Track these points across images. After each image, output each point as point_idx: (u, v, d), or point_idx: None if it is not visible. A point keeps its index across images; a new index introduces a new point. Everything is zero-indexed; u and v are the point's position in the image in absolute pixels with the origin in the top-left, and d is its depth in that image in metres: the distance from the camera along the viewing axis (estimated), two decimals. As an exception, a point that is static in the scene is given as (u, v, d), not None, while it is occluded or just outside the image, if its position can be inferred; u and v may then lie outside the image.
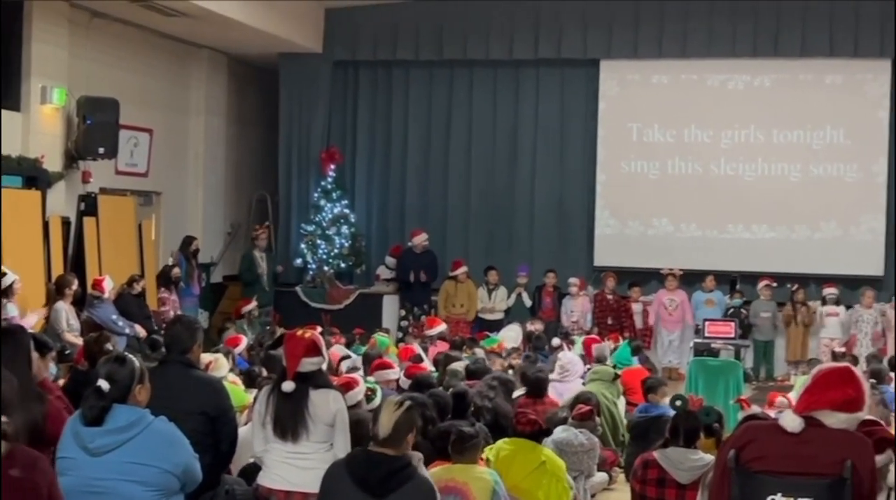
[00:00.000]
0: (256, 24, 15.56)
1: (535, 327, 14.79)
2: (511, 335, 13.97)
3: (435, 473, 6.09)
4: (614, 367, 11.32)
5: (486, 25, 17.23)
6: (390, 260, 17.55)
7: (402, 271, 17.00)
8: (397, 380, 9.47)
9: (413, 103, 18.06)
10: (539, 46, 17.10)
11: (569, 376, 10.84)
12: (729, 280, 16.22)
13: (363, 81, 18.32)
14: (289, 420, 5.70)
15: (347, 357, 10.82)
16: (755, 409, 7.38)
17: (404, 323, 16.68)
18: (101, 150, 13.99)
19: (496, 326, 15.70)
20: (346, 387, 7.24)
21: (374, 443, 4.98)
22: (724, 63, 16.76)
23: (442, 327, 14.21)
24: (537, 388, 9.34)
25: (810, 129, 16.60)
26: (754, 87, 16.80)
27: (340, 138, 18.21)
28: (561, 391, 10.56)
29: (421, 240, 16.94)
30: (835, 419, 4.18)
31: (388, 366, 9.70)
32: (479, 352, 11.86)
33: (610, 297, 16.34)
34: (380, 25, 17.61)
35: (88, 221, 14.05)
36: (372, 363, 10.17)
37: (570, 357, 11.43)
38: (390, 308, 17.23)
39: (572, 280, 16.43)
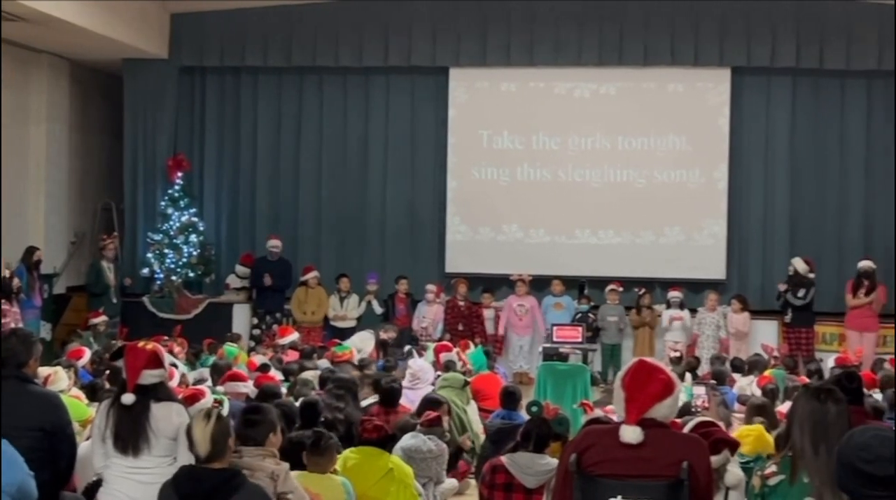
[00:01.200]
0: (98, 30, 15.16)
1: (388, 335, 14.75)
2: (356, 341, 13.88)
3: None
4: (466, 372, 11.38)
5: (335, 32, 17.16)
6: (241, 269, 17.33)
7: (257, 277, 16.80)
8: (247, 394, 9.33)
9: (262, 110, 17.88)
10: (389, 54, 17.11)
11: (419, 383, 10.86)
12: (577, 285, 16.46)
13: (210, 88, 18.07)
14: (129, 434, 5.56)
15: (173, 366, 10.50)
16: (598, 413, 7.51)
17: (256, 332, 16.50)
18: (-65, 158, 13.51)
19: (348, 334, 15.57)
20: (191, 399, 7.11)
21: (197, 462, 4.89)
22: (571, 71, 17.00)
23: (294, 336, 14.11)
24: (390, 397, 9.31)
25: (654, 136, 16.97)
26: (600, 95, 17.10)
27: (188, 145, 17.92)
28: (412, 399, 10.56)
29: (273, 244, 16.78)
30: (664, 408, 4.32)
31: (240, 378, 9.54)
32: (322, 362, 11.81)
33: (461, 303, 16.41)
34: (227, 31, 17.40)
35: (-78, 232, 13.55)
36: (222, 374, 10.02)
37: (420, 364, 11.45)
38: (241, 317, 17.03)
39: (429, 287, 16.47)
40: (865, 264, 15.35)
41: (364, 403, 9.56)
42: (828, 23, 16.19)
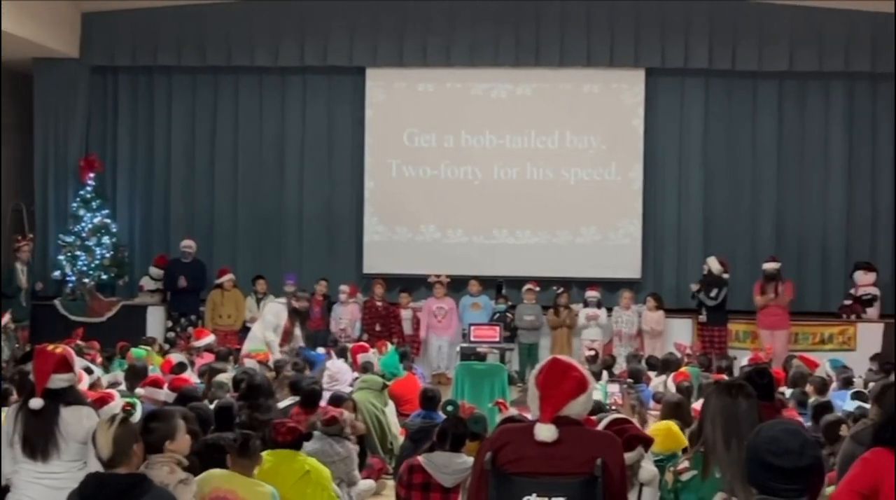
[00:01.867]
0: (8, 28, 14.84)
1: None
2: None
3: (217, 476, 5.92)
4: (382, 376, 11.34)
5: (250, 32, 17.02)
6: (155, 270, 17.09)
7: (171, 279, 16.58)
8: (165, 401, 9.17)
9: (176, 110, 17.67)
10: (305, 54, 17.03)
11: (337, 384, 10.81)
12: (495, 285, 16.51)
13: (123, 88, 17.82)
14: (38, 439, 5.47)
15: (88, 371, 10.33)
16: (513, 412, 7.54)
17: (171, 334, 16.29)
18: None
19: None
20: (101, 402, 7.00)
21: (102, 466, 4.81)
22: (487, 72, 17.05)
23: (210, 339, 13.90)
24: (311, 399, 9.22)
25: (570, 136, 17.08)
26: (516, 95, 17.17)
27: (100, 146, 17.65)
28: (330, 400, 10.52)
29: (187, 245, 16.58)
30: (578, 405, 4.33)
31: (159, 384, 9.35)
32: (249, 362, 11.69)
33: (379, 304, 16.36)
34: (140, 30, 17.17)
35: None
36: (137, 376, 9.87)
37: (338, 366, 11.42)
38: (155, 320, 16.76)
39: (343, 287, 16.39)
40: (770, 265, 15.60)
41: (282, 404, 9.48)
42: (740, 25, 16.43)
